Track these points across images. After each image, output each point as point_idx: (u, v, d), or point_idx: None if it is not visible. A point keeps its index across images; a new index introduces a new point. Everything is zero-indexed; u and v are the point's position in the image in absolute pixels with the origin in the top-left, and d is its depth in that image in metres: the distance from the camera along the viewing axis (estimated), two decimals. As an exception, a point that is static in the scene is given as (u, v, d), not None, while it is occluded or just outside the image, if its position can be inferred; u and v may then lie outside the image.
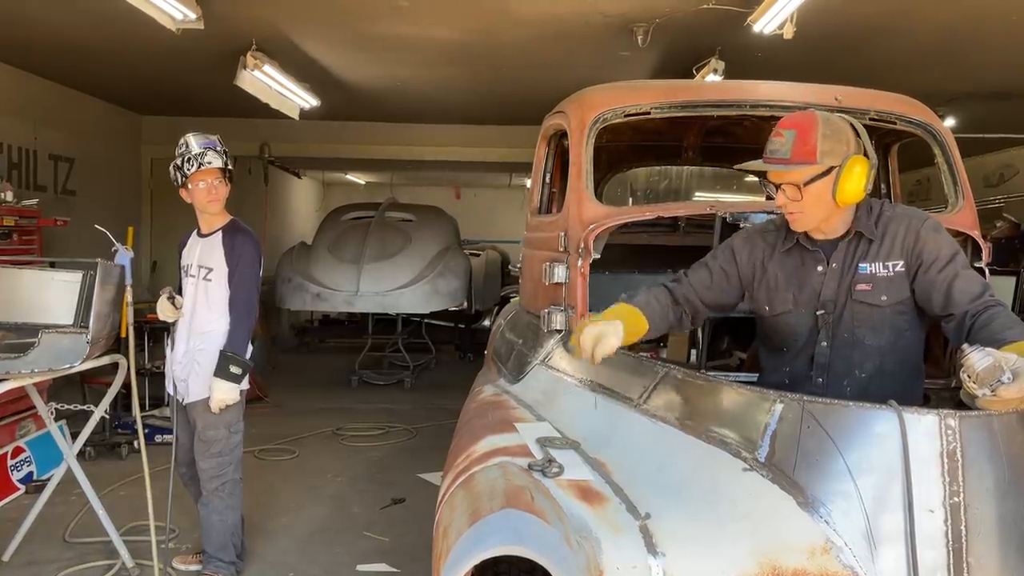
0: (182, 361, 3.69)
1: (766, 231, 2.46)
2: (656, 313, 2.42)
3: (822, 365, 2.33)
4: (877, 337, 2.28)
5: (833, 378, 2.32)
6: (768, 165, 2.22)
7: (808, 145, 2.15)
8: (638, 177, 9.08)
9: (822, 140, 2.16)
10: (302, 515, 4.80)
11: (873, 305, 2.26)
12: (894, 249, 2.24)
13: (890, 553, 1.72)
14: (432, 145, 11.57)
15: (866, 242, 2.27)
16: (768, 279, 2.40)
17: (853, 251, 2.28)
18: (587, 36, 6.41)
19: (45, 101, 8.57)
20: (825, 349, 2.33)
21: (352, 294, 8.32)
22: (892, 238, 2.24)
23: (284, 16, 6.11)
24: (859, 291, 2.26)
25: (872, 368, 2.29)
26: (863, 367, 2.30)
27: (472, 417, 2.88)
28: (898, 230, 2.24)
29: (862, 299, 2.26)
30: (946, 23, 5.96)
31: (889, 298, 2.24)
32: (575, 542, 1.72)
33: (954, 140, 3.24)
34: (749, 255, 2.43)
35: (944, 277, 2.16)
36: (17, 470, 5.08)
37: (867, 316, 2.27)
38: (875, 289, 2.25)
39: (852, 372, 2.31)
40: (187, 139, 3.61)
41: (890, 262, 2.24)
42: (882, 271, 2.24)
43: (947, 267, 2.17)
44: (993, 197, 9.18)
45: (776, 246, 2.39)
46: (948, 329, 2.19)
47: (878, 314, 2.26)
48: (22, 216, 6.60)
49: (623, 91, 3.38)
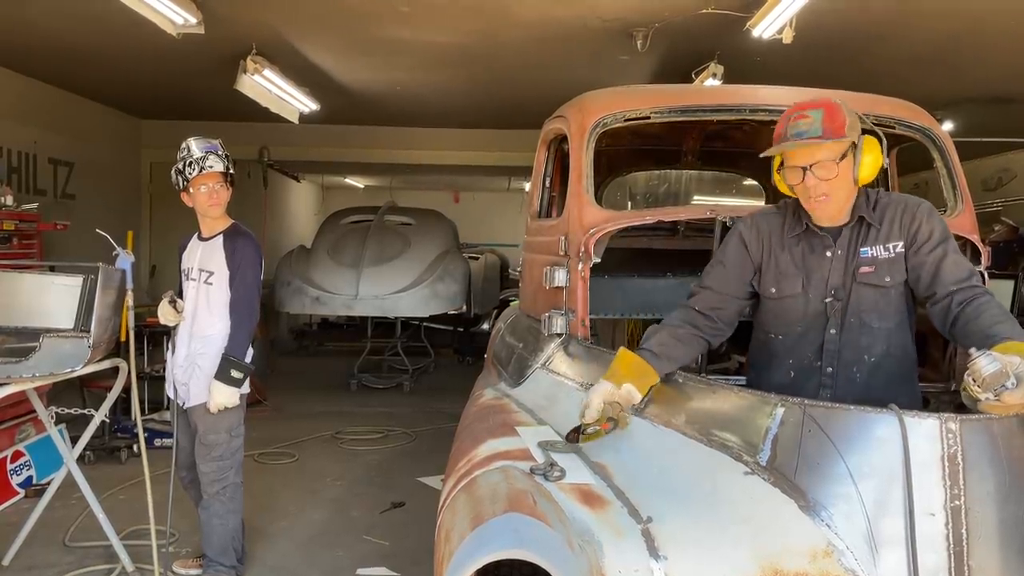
0: (183, 365, 3.70)
1: (767, 214, 2.50)
2: (676, 350, 2.38)
3: (832, 352, 2.35)
4: (884, 320, 2.32)
5: (843, 366, 2.35)
6: (806, 142, 2.22)
7: (837, 121, 2.21)
8: (637, 181, 9.07)
9: (848, 115, 2.23)
10: (302, 519, 4.80)
11: (878, 286, 2.30)
12: (893, 231, 2.29)
13: (891, 556, 1.73)
14: (431, 149, 11.58)
15: (866, 227, 2.32)
16: (777, 261, 2.41)
17: (855, 237, 2.33)
18: (586, 40, 6.43)
19: (45, 105, 8.58)
20: (834, 337, 2.35)
21: (351, 298, 8.32)
22: (891, 221, 2.30)
23: (284, 20, 6.12)
24: (863, 274, 2.30)
25: (880, 352, 2.33)
26: (871, 351, 2.33)
27: (473, 421, 2.88)
28: (896, 212, 2.30)
29: (867, 281, 2.30)
30: (944, 28, 5.99)
31: (893, 279, 2.30)
32: (577, 546, 1.72)
33: (953, 145, 3.26)
34: (757, 236, 2.45)
35: (933, 257, 2.23)
36: (17, 474, 5.08)
37: (873, 299, 2.31)
38: (878, 271, 2.30)
39: (861, 358, 2.34)
40: (189, 143, 3.61)
41: (891, 243, 2.29)
42: (883, 253, 2.29)
43: (937, 248, 2.24)
44: (991, 201, 9.19)
45: (784, 229, 2.41)
46: (933, 312, 2.24)
47: (883, 296, 2.31)
48: (22, 220, 6.60)
49: (623, 95, 3.39)
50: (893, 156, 3.82)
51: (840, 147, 2.23)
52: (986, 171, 9.45)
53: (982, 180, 9.40)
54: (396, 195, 14.40)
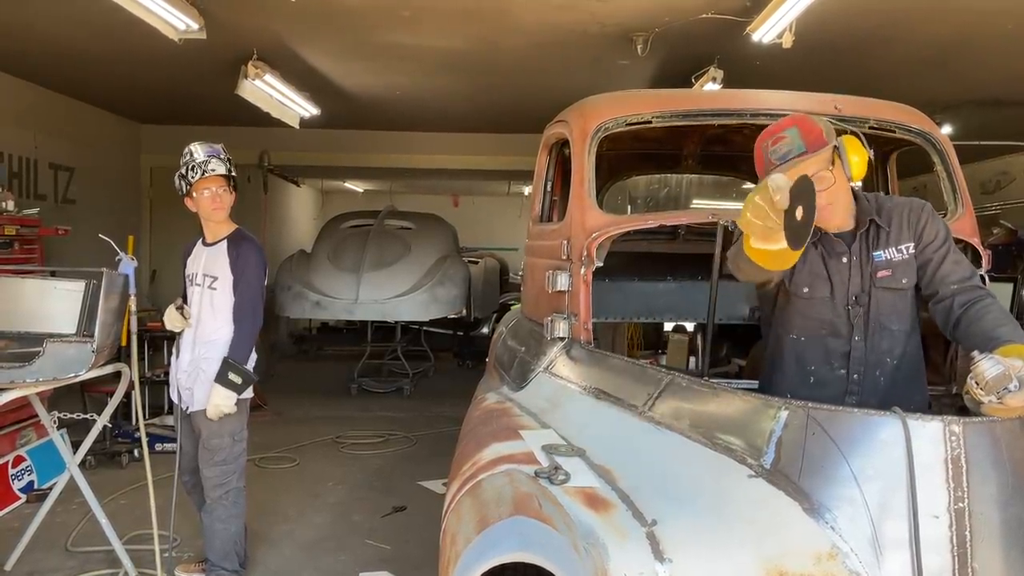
0: (187, 369, 3.70)
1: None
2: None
3: (858, 359, 2.37)
4: (902, 322, 2.35)
5: (868, 371, 2.37)
6: (793, 162, 2.21)
7: (814, 132, 2.24)
8: (638, 185, 9.11)
9: (821, 124, 2.26)
10: (303, 523, 4.80)
11: (896, 290, 2.33)
12: (903, 233, 2.32)
13: (895, 559, 1.74)
14: (431, 153, 11.59)
15: (875, 229, 2.34)
16: (811, 261, 2.41)
17: (867, 241, 2.35)
18: (586, 45, 6.44)
19: (46, 110, 8.58)
20: (860, 344, 2.37)
21: (351, 302, 8.32)
22: (899, 223, 2.33)
23: (285, 26, 6.13)
24: (880, 278, 2.33)
25: (899, 354, 2.36)
26: (892, 354, 2.36)
27: (476, 425, 2.89)
28: (903, 214, 2.33)
29: (885, 285, 2.33)
30: (943, 32, 6.00)
31: (908, 280, 2.33)
32: (583, 549, 1.73)
33: (953, 149, 3.27)
34: None
35: (937, 257, 2.26)
36: (18, 479, 5.07)
37: (891, 302, 2.34)
38: (895, 274, 2.32)
39: (884, 361, 2.36)
40: (191, 148, 3.62)
41: (902, 245, 2.32)
42: (896, 255, 2.32)
43: (941, 247, 2.28)
44: (989, 204, 9.22)
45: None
46: (935, 311, 2.26)
47: (901, 298, 2.34)
48: (23, 225, 6.59)
49: (625, 100, 3.41)
50: (893, 160, 3.83)
51: (826, 155, 2.25)
52: (984, 174, 9.48)
53: (980, 183, 9.44)
54: (396, 199, 14.41)
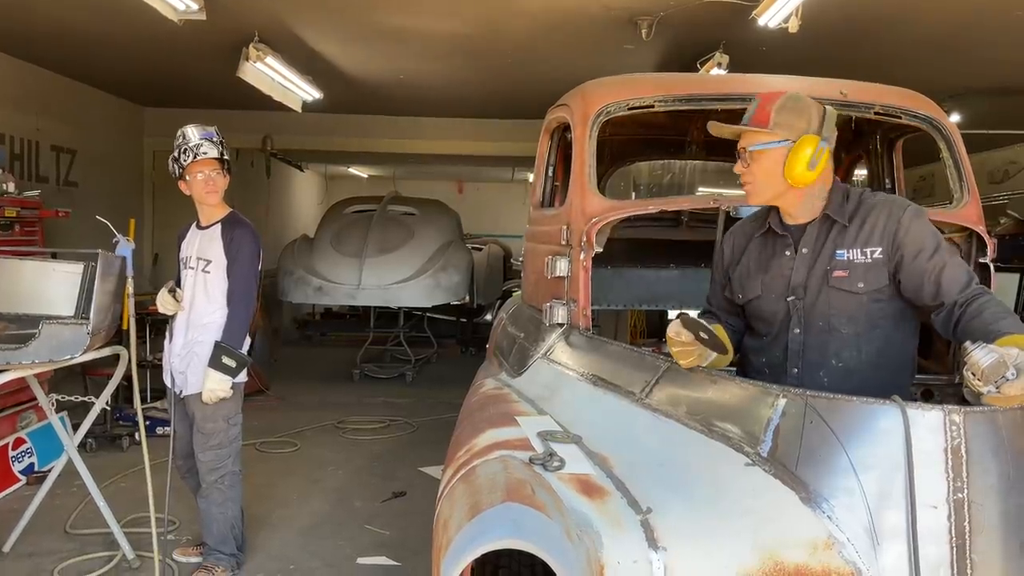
0: (180, 353, 3.69)
1: (748, 220, 2.51)
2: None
3: (796, 353, 2.31)
4: (853, 325, 2.26)
5: (808, 367, 2.30)
6: (722, 125, 2.27)
7: (763, 112, 2.20)
8: (641, 171, 9.06)
9: (778, 111, 2.19)
10: (303, 508, 4.80)
11: (850, 292, 2.23)
12: (873, 236, 2.21)
13: (893, 549, 1.71)
14: (435, 139, 11.55)
15: (840, 227, 2.25)
16: (742, 266, 2.42)
17: (825, 236, 2.27)
18: (590, 29, 6.39)
19: (47, 92, 8.56)
20: (799, 337, 2.31)
21: (354, 288, 8.31)
22: (872, 224, 2.22)
23: (287, 7, 6.09)
24: (836, 278, 2.24)
25: (850, 358, 2.27)
26: (840, 356, 2.27)
27: (473, 411, 2.87)
28: (879, 217, 2.22)
29: (839, 286, 2.24)
30: (951, 18, 5.94)
31: (866, 285, 2.22)
32: (576, 536, 1.71)
33: (960, 135, 3.22)
34: (732, 246, 2.49)
35: (933, 266, 2.15)
36: (18, 461, 5.09)
37: (843, 303, 2.25)
38: (852, 276, 2.23)
39: (828, 361, 2.28)
40: (184, 130, 3.60)
41: (868, 248, 2.21)
42: (859, 257, 2.22)
43: (934, 256, 2.16)
44: (997, 194, 9.13)
45: (755, 232, 2.42)
46: (937, 320, 2.18)
47: (855, 301, 2.24)
48: (24, 207, 6.59)
49: (627, 84, 3.36)
50: (899, 147, 3.79)
51: (755, 138, 2.21)
52: (993, 164, 9.39)
53: (988, 173, 9.34)
54: (400, 185, 14.37)
